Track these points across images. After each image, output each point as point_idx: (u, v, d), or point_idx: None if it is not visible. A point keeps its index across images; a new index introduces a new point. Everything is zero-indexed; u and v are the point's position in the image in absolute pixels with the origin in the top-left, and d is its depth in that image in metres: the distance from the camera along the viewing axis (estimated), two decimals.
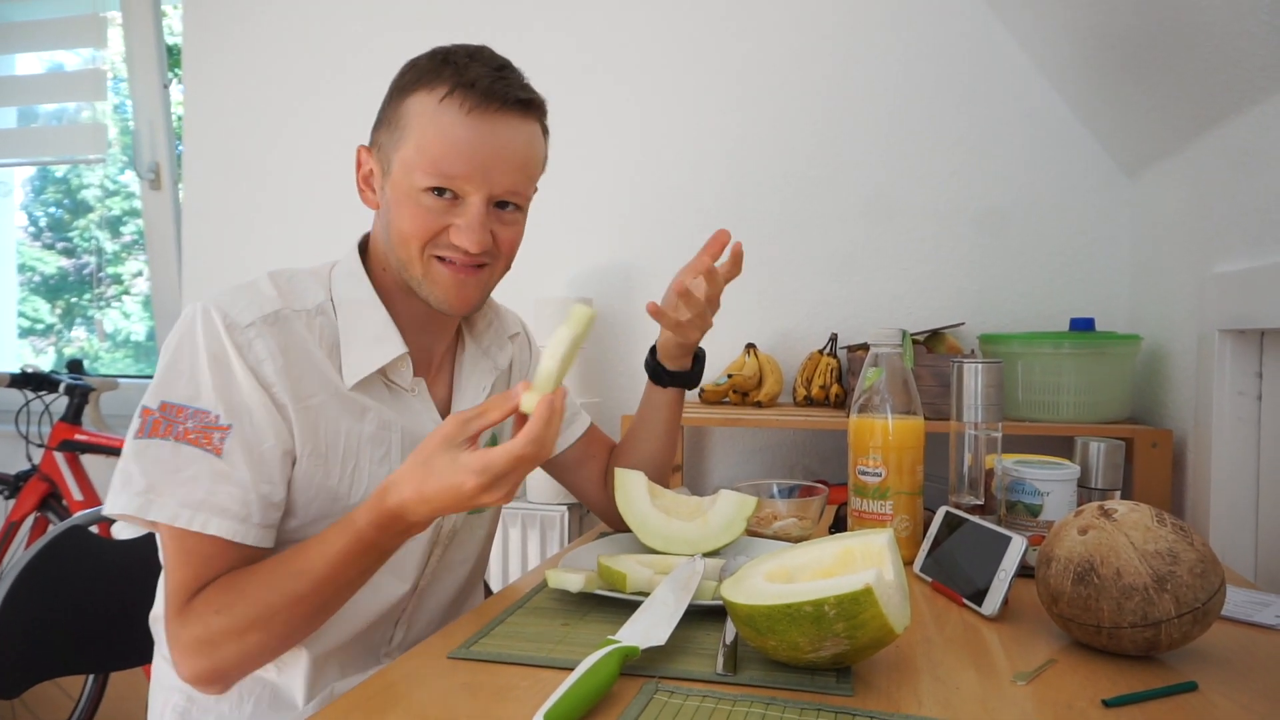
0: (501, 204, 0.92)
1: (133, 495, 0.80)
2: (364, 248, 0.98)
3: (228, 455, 0.82)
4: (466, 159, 0.87)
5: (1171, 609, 0.73)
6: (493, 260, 0.94)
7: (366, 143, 0.96)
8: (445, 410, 1.01)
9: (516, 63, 0.94)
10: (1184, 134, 1.49)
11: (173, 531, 0.81)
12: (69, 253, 3.03)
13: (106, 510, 0.82)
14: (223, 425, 0.82)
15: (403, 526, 0.81)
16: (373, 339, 0.92)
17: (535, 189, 0.97)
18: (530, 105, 0.91)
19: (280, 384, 0.85)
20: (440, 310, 0.94)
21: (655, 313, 1.07)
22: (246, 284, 0.89)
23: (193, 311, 0.85)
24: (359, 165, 0.95)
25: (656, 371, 1.15)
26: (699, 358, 1.16)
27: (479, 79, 0.87)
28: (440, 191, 0.88)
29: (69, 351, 3.02)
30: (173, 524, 0.80)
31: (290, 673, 0.91)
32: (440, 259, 0.91)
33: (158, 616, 0.95)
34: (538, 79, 0.94)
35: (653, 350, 1.16)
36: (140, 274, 2.97)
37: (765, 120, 2.03)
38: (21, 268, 3.00)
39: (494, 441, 1.09)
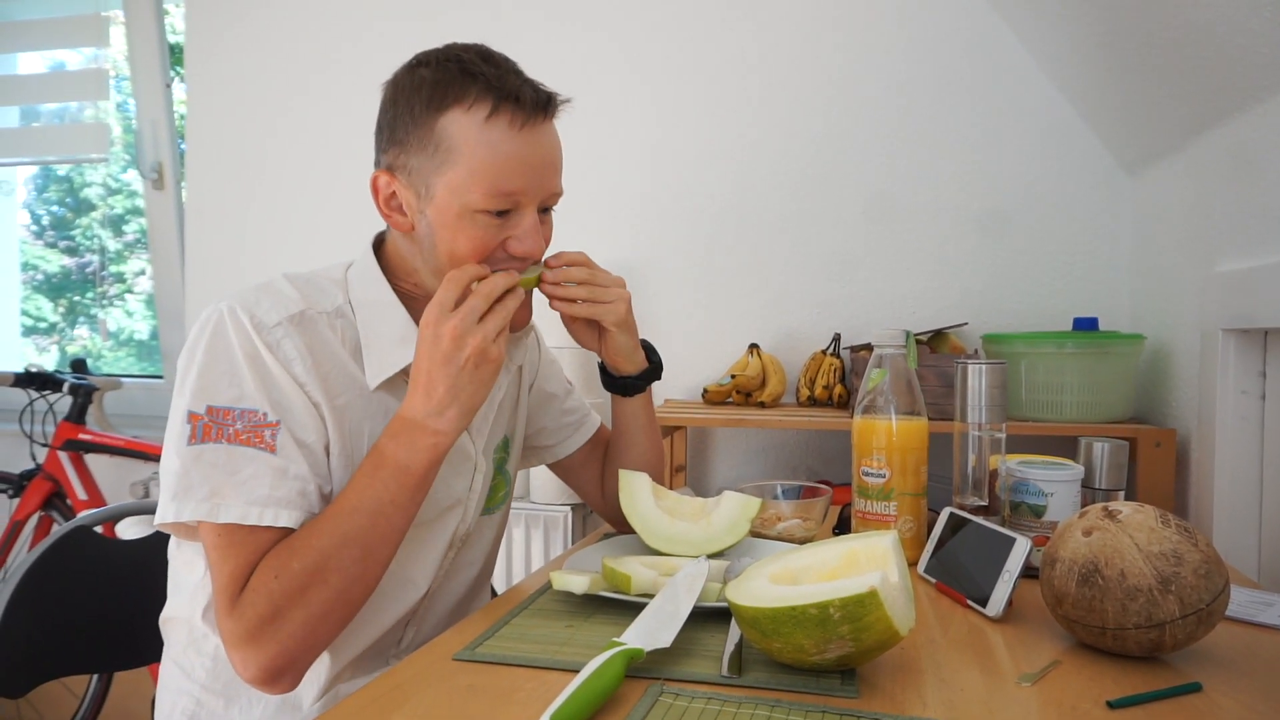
0: (543, 209, 0.93)
1: (199, 502, 0.80)
2: (376, 249, 0.98)
3: (282, 450, 0.82)
4: (521, 174, 0.88)
5: (1176, 610, 0.73)
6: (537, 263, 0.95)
7: (378, 165, 0.92)
8: None
9: (525, 62, 0.93)
10: (1186, 132, 1.49)
11: (221, 527, 0.80)
12: (72, 251, 3.03)
13: (162, 519, 0.81)
14: (271, 422, 0.82)
15: (415, 432, 0.83)
16: (395, 340, 0.91)
17: None
18: (559, 108, 0.92)
19: (311, 382, 0.85)
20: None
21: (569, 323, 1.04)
22: (265, 285, 0.89)
23: (217, 313, 0.85)
24: (376, 191, 0.91)
25: (621, 385, 1.10)
26: (649, 348, 1.12)
27: (519, 91, 0.87)
28: (498, 212, 0.88)
29: (72, 350, 3.02)
30: (243, 522, 0.80)
31: (309, 680, 0.91)
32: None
33: (167, 618, 0.95)
34: (544, 78, 0.94)
35: (602, 369, 1.11)
36: (143, 273, 2.97)
37: (769, 120, 2.02)
38: (24, 266, 3.00)
39: (505, 447, 1.09)
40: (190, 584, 0.91)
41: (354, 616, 0.85)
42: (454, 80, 0.86)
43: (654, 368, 1.11)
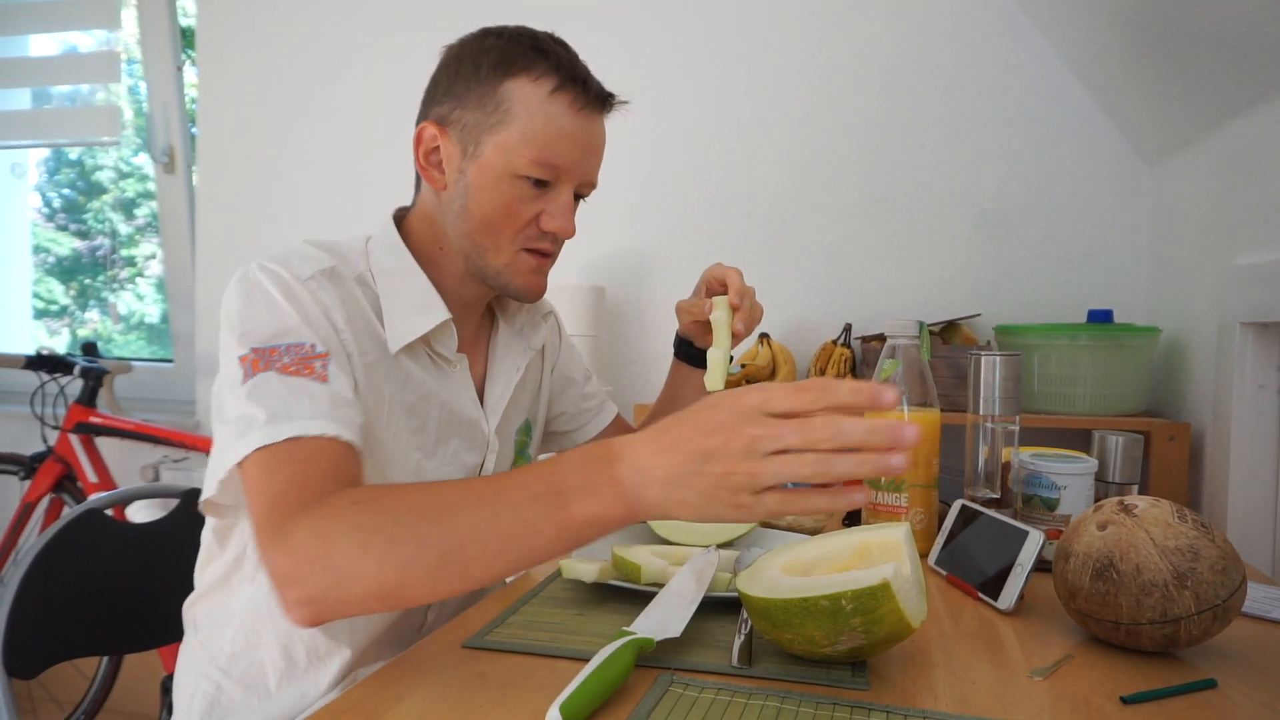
0: (576, 195, 0.95)
1: (260, 428, 0.74)
2: (397, 221, 0.98)
3: (333, 379, 0.79)
4: (569, 151, 0.90)
5: (1192, 606, 0.72)
6: (558, 250, 0.97)
7: (425, 117, 0.93)
8: (480, 390, 1.01)
9: None
10: (1206, 122, 1.47)
11: (279, 445, 0.73)
12: (83, 234, 3.04)
13: (240, 455, 0.74)
14: (320, 353, 0.80)
15: (606, 475, 0.63)
16: (417, 307, 0.91)
17: None
18: (613, 108, 0.96)
19: (347, 332, 0.84)
20: (515, 298, 0.97)
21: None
22: (289, 248, 0.88)
23: (249, 270, 0.83)
24: (419, 142, 0.92)
25: (697, 356, 1.14)
26: None
27: (586, 78, 0.91)
28: (539, 181, 0.90)
29: (82, 334, 3.03)
30: (306, 434, 0.74)
31: (328, 663, 0.91)
32: (529, 250, 0.93)
33: (195, 600, 0.96)
34: None
35: (686, 346, 1.15)
36: (154, 257, 2.97)
37: (779, 107, 2.01)
38: (36, 249, 3.01)
39: (527, 430, 1.08)
40: (225, 561, 0.91)
41: (388, 608, 0.69)
42: (525, 51, 0.89)
43: None
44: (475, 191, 0.90)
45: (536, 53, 0.89)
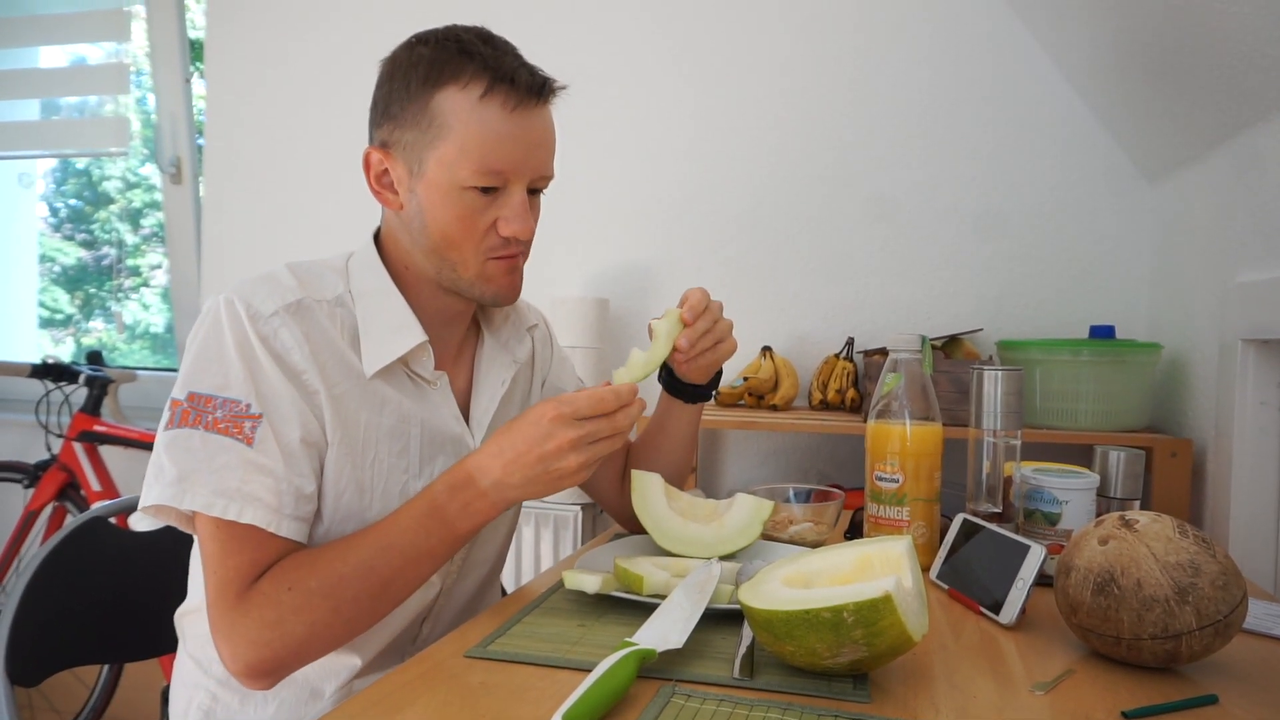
0: (532, 190, 0.94)
1: (165, 486, 0.79)
2: (376, 239, 0.98)
3: (259, 444, 0.81)
4: (510, 153, 0.88)
5: (1193, 621, 0.72)
6: (528, 246, 0.95)
7: (371, 141, 0.93)
8: (465, 404, 1.01)
9: (535, 59, 0.93)
10: (1208, 140, 1.48)
11: (215, 522, 0.80)
12: (89, 244, 3.05)
13: (142, 504, 0.82)
14: (254, 414, 0.82)
15: (473, 494, 0.84)
16: (392, 329, 0.91)
17: None
18: (555, 93, 0.92)
19: (310, 370, 0.85)
20: (493, 304, 0.96)
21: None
22: (265, 275, 0.89)
23: (215, 304, 0.85)
24: (368, 168, 0.92)
25: (679, 389, 1.10)
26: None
27: (515, 74, 0.87)
28: (487, 189, 0.88)
29: (87, 343, 3.04)
30: (208, 512, 0.79)
31: (327, 672, 0.92)
32: (495, 258, 0.92)
33: (185, 612, 0.95)
34: (564, 83, 0.94)
35: (668, 373, 1.11)
36: (159, 267, 2.99)
37: (783, 121, 2.02)
38: (42, 258, 3.02)
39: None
40: None
41: (353, 639, 0.86)
42: (451, 58, 0.87)
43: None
44: (428, 210, 0.89)
45: (463, 56, 0.87)
